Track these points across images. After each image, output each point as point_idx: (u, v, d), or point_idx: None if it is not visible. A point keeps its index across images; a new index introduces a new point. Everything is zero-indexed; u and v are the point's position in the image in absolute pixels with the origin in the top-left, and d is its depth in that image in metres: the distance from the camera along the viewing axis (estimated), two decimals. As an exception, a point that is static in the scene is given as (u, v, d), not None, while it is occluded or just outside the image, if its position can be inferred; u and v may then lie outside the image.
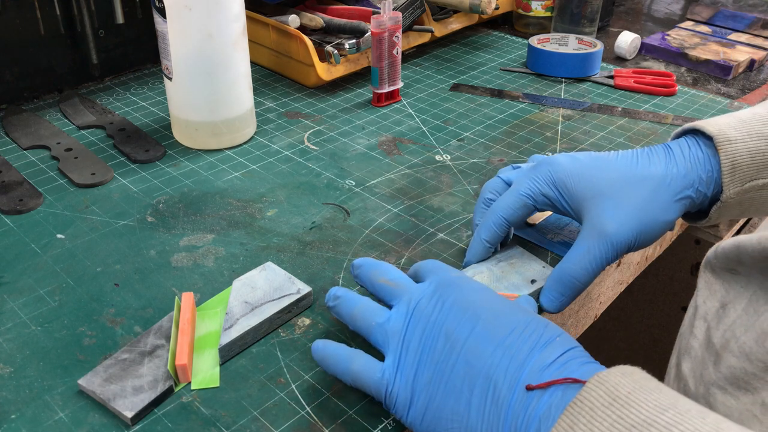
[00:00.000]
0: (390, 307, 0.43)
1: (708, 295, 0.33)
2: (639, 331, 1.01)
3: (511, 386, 0.35)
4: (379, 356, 0.41)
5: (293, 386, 0.43)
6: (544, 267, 0.52)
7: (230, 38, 0.67)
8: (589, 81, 0.91)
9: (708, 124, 0.50)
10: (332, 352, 0.42)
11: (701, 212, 0.52)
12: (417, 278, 0.46)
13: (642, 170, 0.49)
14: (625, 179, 0.49)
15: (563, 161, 0.51)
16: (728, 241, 0.32)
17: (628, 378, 0.31)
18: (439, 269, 0.44)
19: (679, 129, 0.53)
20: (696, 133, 0.51)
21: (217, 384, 0.43)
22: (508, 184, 0.54)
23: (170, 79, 0.69)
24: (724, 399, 0.29)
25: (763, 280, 0.30)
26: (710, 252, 0.33)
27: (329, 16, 0.90)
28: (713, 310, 0.32)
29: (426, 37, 0.96)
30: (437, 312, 0.40)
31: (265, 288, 0.49)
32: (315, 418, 0.41)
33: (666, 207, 0.48)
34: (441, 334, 0.39)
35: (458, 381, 0.37)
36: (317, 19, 0.87)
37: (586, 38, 0.94)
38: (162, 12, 0.65)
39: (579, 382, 0.33)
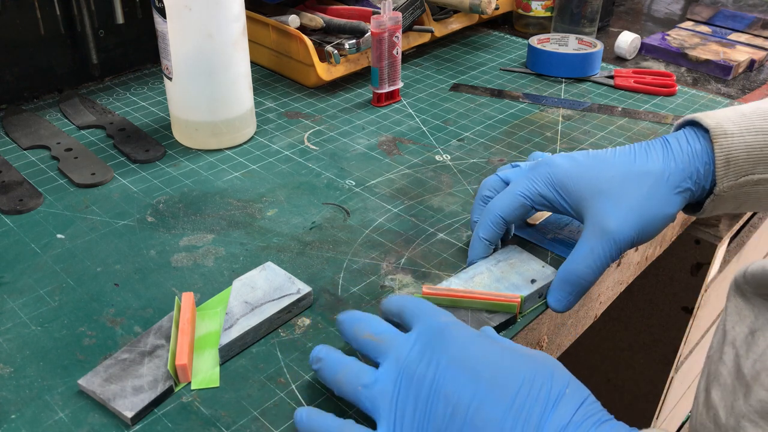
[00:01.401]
0: (377, 365, 0.40)
1: (737, 320, 0.32)
2: (639, 331, 1.01)
3: None
4: (373, 424, 0.38)
5: (293, 386, 0.43)
6: (543, 267, 0.52)
7: (230, 38, 0.67)
8: (589, 81, 0.91)
9: (707, 117, 0.50)
10: (318, 425, 0.38)
11: (698, 204, 0.52)
12: (402, 320, 0.43)
13: (640, 166, 0.50)
14: (623, 176, 0.49)
15: (561, 162, 0.51)
16: (756, 265, 0.31)
17: None
18: (425, 314, 0.41)
19: (680, 120, 0.53)
20: (696, 125, 0.51)
21: (217, 384, 0.43)
22: (506, 183, 0.54)
23: (170, 79, 0.69)
24: (754, 431, 0.28)
25: None
26: (738, 275, 0.32)
27: (329, 16, 0.90)
28: (742, 336, 0.31)
29: (426, 37, 0.96)
30: (432, 372, 0.37)
31: (265, 288, 0.49)
32: (315, 418, 0.41)
33: (666, 201, 0.49)
34: (440, 398, 0.36)
35: None
36: (317, 19, 0.87)
37: (586, 38, 0.94)
38: (162, 12, 0.65)
39: None
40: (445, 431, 0.35)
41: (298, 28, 0.85)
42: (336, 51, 0.83)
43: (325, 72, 0.84)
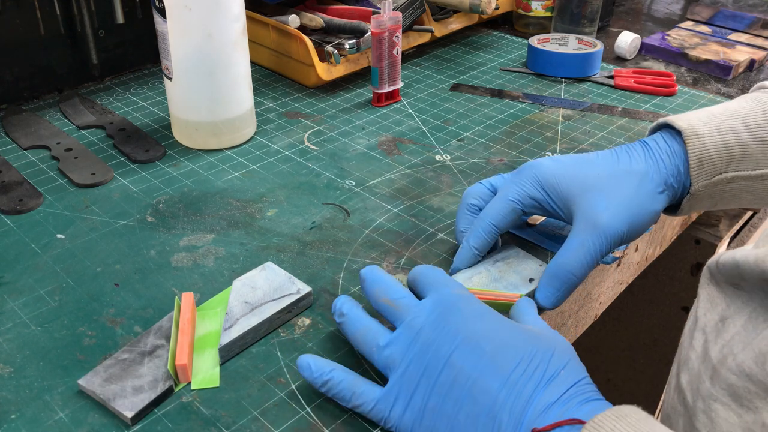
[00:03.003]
0: (393, 327, 0.43)
1: (709, 307, 0.33)
2: (639, 331, 1.01)
3: (515, 427, 0.35)
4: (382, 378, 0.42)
5: (293, 386, 0.43)
6: (540, 266, 0.52)
7: (230, 38, 0.67)
8: (589, 81, 0.91)
9: (678, 119, 0.51)
10: (330, 375, 0.41)
11: (677, 205, 0.53)
12: (415, 288, 0.46)
13: (624, 166, 0.51)
14: (610, 174, 0.50)
15: (546, 163, 0.52)
16: (726, 256, 0.31)
17: (623, 422, 0.32)
18: (439, 284, 0.44)
19: (654, 124, 0.54)
20: (669, 127, 0.52)
21: (217, 384, 0.43)
22: (491, 190, 0.55)
23: (170, 79, 0.69)
24: (726, 415, 0.29)
25: (763, 297, 0.29)
26: (711, 263, 0.33)
27: (329, 16, 0.90)
28: (712, 323, 0.32)
29: (426, 37, 0.96)
30: (442, 341, 0.40)
31: (265, 288, 0.49)
32: (315, 418, 0.41)
33: (652, 198, 0.50)
34: (446, 366, 0.39)
35: (462, 416, 0.37)
36: (317, 19, 0.87)
37: (586, 38, 0.94)
38: (162, 12, 0.65)
39: (580, 423, 0.34)
40: (446, 396, 0.38)
41: (298, 28, 0.85)
42: (336, 51, 0.83)
43: (325, 72, 0.84)
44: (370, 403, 0.40)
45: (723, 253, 0.32)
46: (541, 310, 0.50)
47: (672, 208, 0.53)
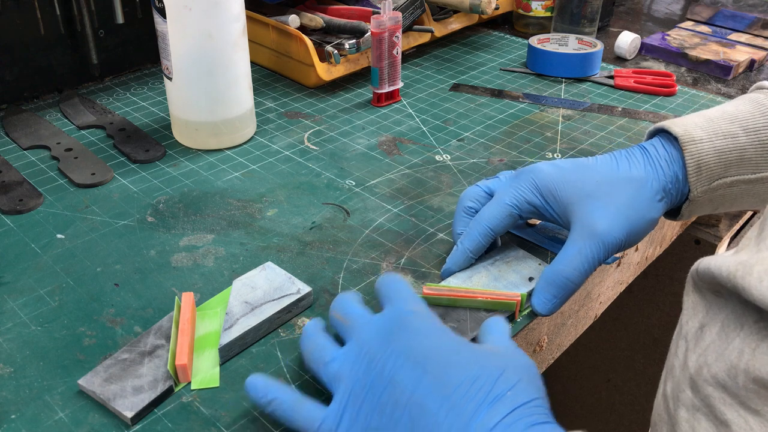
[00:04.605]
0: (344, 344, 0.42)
1: (691, 315, 0.32)
2: (639, 331, 1.01)
3: None
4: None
5: (293, 386, 0.43)
6: (540, 264, 0.52)
7: (230, 38, 0.67)
8: (589, 81, 0.91)
9: (674, 125, 0.51)
10: (274, 395, 0.39)
11: (676, 209, 0.53)
12: (378, 299, 0.44)
13: (624, 172, 0.50)
14: (609, 181, 0.49)
15: (546, 168, 0.51)
16: (702, 264, 0.31)
17: None
18: (396, 298, 0.42)
19: (651, 128, 0.54)
20: (667, 132, 0.52)
21: (217, 384, 0.43)
22: (488, 193, 0.54)
23: (170, 79, 0.69)
24: (707, 425, 0.29)
25: (735, 305, 0.29)
26: (693, 271, 0.33)
27: (329, 16, 0.90)
28: (693, 331, 0.32)
29: (426, 37, 0.96)
30: (387, 358, 0.38)
31: (265, 288, 0.49)
32: (315, 418, 0.41)
33: (650, 206, 0.49)
34: (388, 384, 0.37)
35: None
36: (317, 19, 0.87)
37: (586, 38, 0.94)
38: (162, 12, 0.65)
39: None
40: (389, 416, 0.36)
41: (298, 28, 0.85)
42: (336, 51, 0.83)
43: (325, 72, 0.84)
44: (315, 422, 0.38)
45: (702, 260, 0.32)
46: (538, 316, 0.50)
47: (672, 213, 0.53)
